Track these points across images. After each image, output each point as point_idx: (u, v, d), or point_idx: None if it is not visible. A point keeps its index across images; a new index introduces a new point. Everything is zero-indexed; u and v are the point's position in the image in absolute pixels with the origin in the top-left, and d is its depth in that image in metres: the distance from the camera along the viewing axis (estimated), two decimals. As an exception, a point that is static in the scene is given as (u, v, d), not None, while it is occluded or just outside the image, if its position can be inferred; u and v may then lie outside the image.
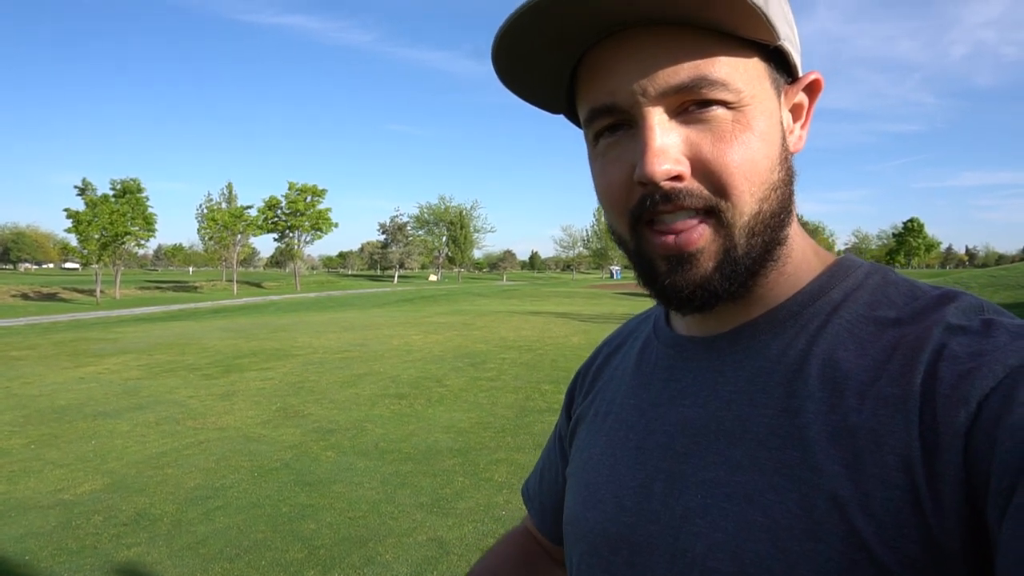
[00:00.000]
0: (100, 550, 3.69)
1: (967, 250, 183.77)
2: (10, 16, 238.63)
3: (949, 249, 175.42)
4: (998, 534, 0.38)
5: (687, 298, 0.52)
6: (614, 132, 0.51)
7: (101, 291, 41.17)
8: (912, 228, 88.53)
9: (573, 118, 0.59)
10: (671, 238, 0.50)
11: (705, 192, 0.49)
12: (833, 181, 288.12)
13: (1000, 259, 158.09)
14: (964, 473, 0.41)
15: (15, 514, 4.23)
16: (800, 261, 0.56)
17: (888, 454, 0.43)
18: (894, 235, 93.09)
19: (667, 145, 0.48)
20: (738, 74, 0.49)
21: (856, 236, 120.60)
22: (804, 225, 0.59)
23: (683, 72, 0.47)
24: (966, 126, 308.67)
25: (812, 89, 0.56)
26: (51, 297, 41.40)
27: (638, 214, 0.51)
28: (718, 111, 0.48)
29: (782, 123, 0.53)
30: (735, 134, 0.48)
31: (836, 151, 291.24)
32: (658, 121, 0.48)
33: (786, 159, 0.53)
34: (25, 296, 40.73)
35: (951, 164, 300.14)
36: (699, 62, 0.47)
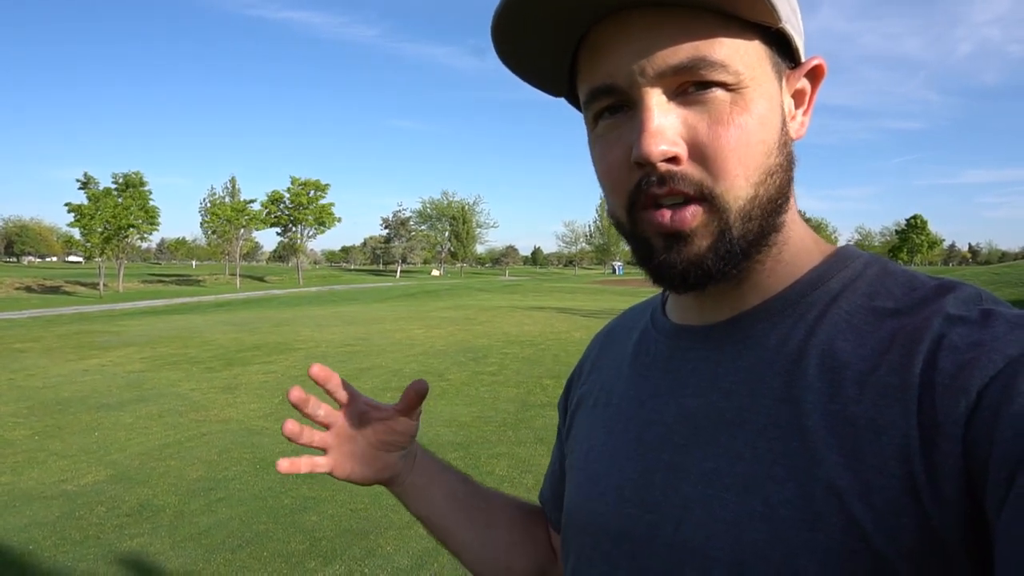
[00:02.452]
0: (103, 540, 3.71)
1: (970, 247, 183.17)
2: (12, 11, 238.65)
3: (952, 246, 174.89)
4: (997, 523, 0.38)
5: (680, 275, 0.51)
6: (613, 114, 0.51)
7: (104, 284, 41.24)
8: (915, 225, 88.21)
9: (574, 101, 0.58)
10: (666, 214, 0.49)
11: (698, 176, 0.48)
12: (836, 178, 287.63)
13: (1003, 256, 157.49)
14: (963, 463, 0.40)
15: (19, 504, 4.25)
16: (798, 250, 0.56)
17: (887, 444, 0.43)
18: (897, 232, 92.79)
19: (664, 126, 0.48)
20: (738, 56, 0.48)
21: (859, 233, 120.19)
22: (807, 222, 0.59)
23: (682, 53, 0.47)
24: (971, 124, 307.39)
25: (815, 75, 0.55)
26: (55, 290, 41.50)
27: (635, 197, 0.50)
28: (717, 93, 0.48)
29: (783, 108, 0.53)
30: (732, 116, 0.48)
31: (840, 148, 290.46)
32: (656, 102, 0.48)
33: (786, 144, 0.52)
34: (29, 289, 40.84)
35: (955, 162, 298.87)
36: (699, 43, 0.47)
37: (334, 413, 0.71)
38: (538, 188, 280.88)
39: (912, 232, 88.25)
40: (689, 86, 0.48)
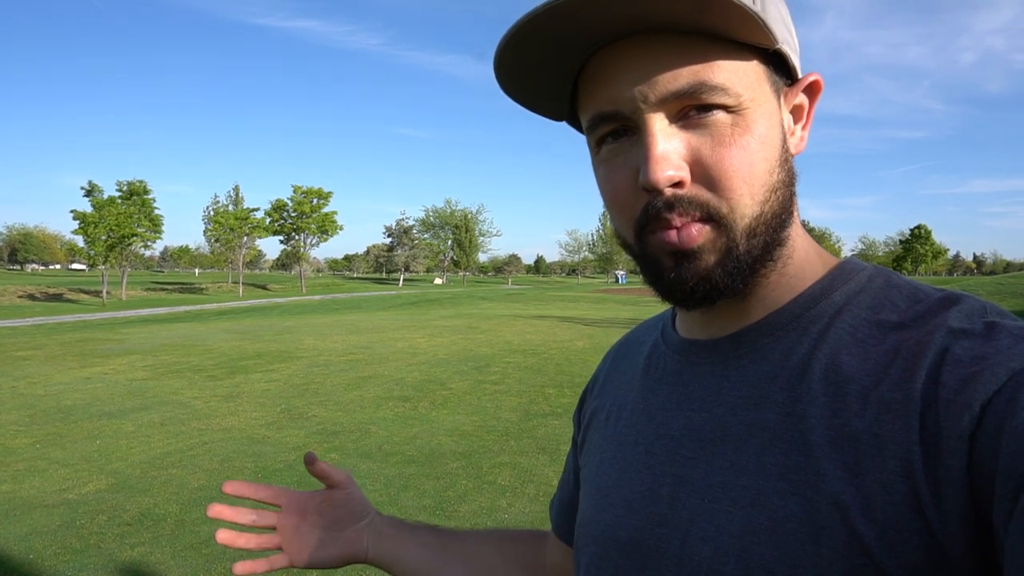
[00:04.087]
0: (104, 549, 3.70)
1: (975, 257, 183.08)
2: (17, 18, 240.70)
3: (957, 256, 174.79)
4: (1004, 538, 0.38)
5: (690, 291, 0.52)
6: (617, 138, 0.52)
7: (107, 292, 41.41)
8: (919, 235, 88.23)
9: (575, 124, 0.59)
10: (673, 233, 0.50)
11: (704, 197, 0.49)
12: (841, 187, 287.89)
13: (1008, 267, 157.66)
14: (968, 477, 0.40)
15: (20, 513, 4.25)
16: (802, 263, 0.56)
17: (889, 459, 0.43)
18: (901, 242, 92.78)
19: (669, 151, 0.49)
20: (737, 78, 0.49)
21: (863, 242, 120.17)
22: (811, 231, 0.59)
23: (683, 78, 0.48)
24: (975, 133, 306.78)
25: (812, 90, 0.57)
26: (58, 298, 41.64)
27: (644, 222, 0.51)
28: (718, 115, 0.49)
29: (782, 125, 0.54)
30: (735, 138, 0.49)
31: (844, 157, 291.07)
32: (659, 127, 0.49)
33: (787, 160, 0.53)
34: (32, 297, 40.99)
35: (960, 171, 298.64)
36: (698, 67, 0.48)
37: (269, 514, 0.79)
38: (541, 197, 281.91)
39: (916, 242, 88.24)
40: (690, 110, 0.49)
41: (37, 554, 3.65)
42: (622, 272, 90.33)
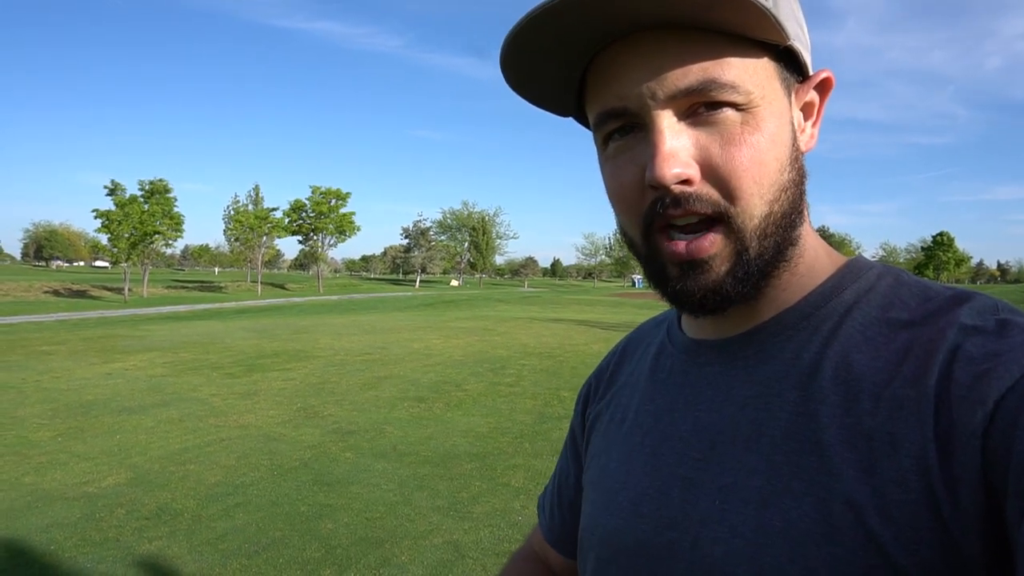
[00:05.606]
0: (122, 542, 3.75)
1: (999, 265, 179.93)
2: (42, 17, 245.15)
3: (980, 264, 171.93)
4: (1017, 535, 0.38)
5: (699, 302, 0.52)
6: (624, 135, 0.51)
7: (129, 289, 42.01)
8: (941, 242, 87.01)
9: (582, 120, 0.58)
10: (682, 245, 0.50)
11: (714, 196, 0.49)
12: (862, 193, 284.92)
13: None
14: (982, 474, 0.40)
15: (41, 505, 4.31)
16: (812, 262, 0.56)
17: (904, 457, 0.43)
18: (923, 249, 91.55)
19: (677, 148, 0.48)
20: (748, 75, 0.48)
21: (884, 249, 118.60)
22: (830, 237, 0.59)
23: (692, 75, 0.47)
24: (1000, 139, 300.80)
25: (823, 87, 0.56)
26: (81, 294, 42.34)
27: (650, 220, 0.50)
28: (728, 113, 0.48)
29: (793, 123, 0.53)
30: (744, 136, 0.48)
31: (865, 163, 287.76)
32: (667, 124, 0.48)
33: (797, 159, 0.53)
34: (56, 293, 41.73)
35: (984, 178, 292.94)
36: (708, 64, 0.47)
37: None
38: (559, 200, 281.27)
39: (938, 249, 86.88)
40: (699, 107, 0.48)
41: (58, 545, 3.70)
42: (639, 276, 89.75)
